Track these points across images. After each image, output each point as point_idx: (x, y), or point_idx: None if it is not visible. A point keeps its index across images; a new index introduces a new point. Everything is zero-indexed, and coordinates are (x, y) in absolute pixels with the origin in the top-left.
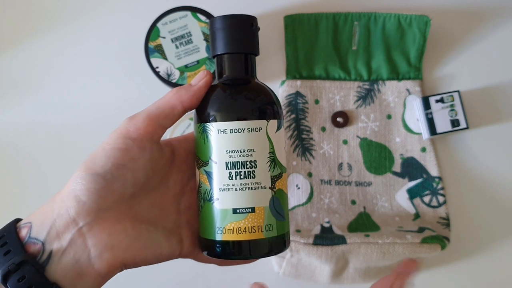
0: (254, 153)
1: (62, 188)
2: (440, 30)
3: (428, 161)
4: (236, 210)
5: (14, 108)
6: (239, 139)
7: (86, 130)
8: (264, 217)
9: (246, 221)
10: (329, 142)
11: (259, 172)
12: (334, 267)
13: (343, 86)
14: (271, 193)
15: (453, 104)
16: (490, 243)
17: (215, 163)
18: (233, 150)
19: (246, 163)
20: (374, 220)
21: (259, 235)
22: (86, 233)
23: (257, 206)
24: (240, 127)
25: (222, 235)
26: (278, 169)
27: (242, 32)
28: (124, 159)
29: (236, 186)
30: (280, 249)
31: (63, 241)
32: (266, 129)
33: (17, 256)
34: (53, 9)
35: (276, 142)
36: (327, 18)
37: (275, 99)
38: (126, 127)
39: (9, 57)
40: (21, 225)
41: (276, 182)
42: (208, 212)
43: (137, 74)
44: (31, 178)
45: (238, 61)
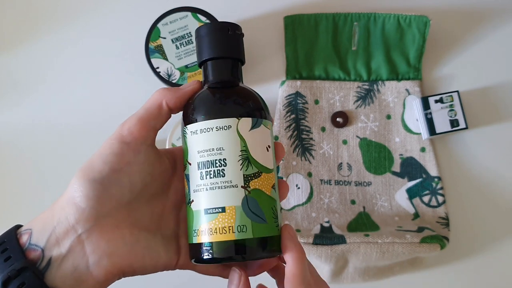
0: (224, 151)
1: (62, 195)
2: (440, 31)
3: (428, 161)
4: (208, 211)
5: (14, 108)
6: (207, 138)
7: (86, 130)
8: (236, 216)
9: (216, 221)
10: (329, 142)
11: (229, 170)
12: (333, 266)
13: (342, 86)
14: (244, 192)
15: (452, 104)
16: (489, 243)
17: (190, 165)
18: (203, 150)
19: (215, 162)
20: (374, 219)
21: (230, 236)
22: (85, 240)
23: (227, 206)
24: (209, 126)
25: (196, 238)
26: (253, 168)
27: (222, 37)
28: (120, 164)
29: (206, 185)
30: (262, 254)
31: (62, 248)
32: (237, 127)
33: (17, 263)
34: (53, 9)
35: (251, 141)
36: (327, 18)
37: (254, 99)
38: (120, 132)
39: (9, 57)
40: (22, 232)
41: (251, 181)
42: (188, 216)
43: (138, 75)
44: (31, 178)
45: (218, 65)
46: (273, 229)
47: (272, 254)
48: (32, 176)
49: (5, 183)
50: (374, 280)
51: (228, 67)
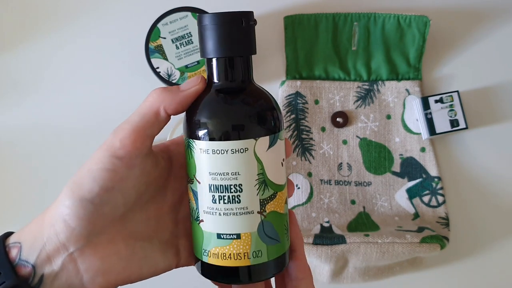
0: (239, 176)
1: (51, 207)
2: (440, 31)
3: (428, 161)
4: (221, 236)
5: (14, 108)
6: (222, 161)
7: (86, 131)
8: (251, 243)
9: (231, 247)
10: (329, 142)
11: (245, 196)
12: (333, 266)
13: (342, 87)
14: (260, 217)
15: (452, 104)
16: (489, 243)
17: (199, 183)
18: (216, 173)
19: (230, 187)
20: (374, 219)
21: (246, 262)
22: (77, 258)
23: (243, 232)
24: (223, 148)
25: (207, 258)
26: (269, 190)
27: (234, 31)
28: (112, 181)
29: (220, 210)
30: (274, 272)
31: (54, 265)
32: (254, 148)
33: (9, 280)
34: (53, 10)
35: (268, 161)
36: (327, 18)
37: (271, 110)
38: (112, 144)
39: (9, 58)
40: (10, 245)
41: (267, 205)
42: (195, 231)
43: (138, 75)
44: (31, 178)
45: (229, 67)
46: (285, 245)
47: (280, 271)
48: (32, 176)
49: (5, 183)
50: (374, 280)
51: (242, 67)
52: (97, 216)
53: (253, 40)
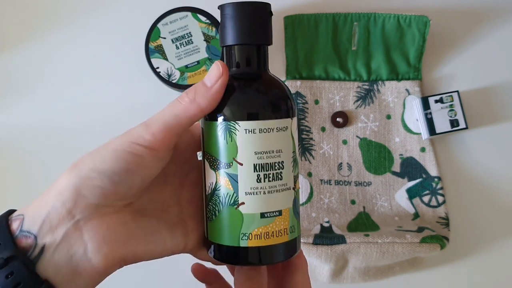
0: (282, 153)
1: (58, 180)
2: (440, 31)
3: (428, 161)
4: (264, 214)
5: (13, 108)
6: (268, 140)
7: (86, 131)
8: (289, 219)
9: (274, 225)
10: (329, 142)
11: (286, 173)
12: (333, 266)
13: (342, 87)
14: (294, 193)
15: (452, 104)
16: (489, 243)
17: (241, 165)
18: (262, 151)
19: (274, 165)
20: (374, 219)
21: (285, 238)
22: (83, 227)
23: (283, 209)
24: (270, 127)
25: (247, 241)
26: (297, 168)
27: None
28: (135, 165)
29: (264, 189)
30: (299, 248)
31: (56, 235)
32: (291, 127)
33: (6, 251)
34: (53, 10)
35: (296, 140)
36: (327, 18)
37: (291, 95)
38: (142, 135)
39: (8, 58)
40: (13, 218)
41: (296, 181)
42: (231, 217)
43: (138, 75)
44: (31, 178)
45: (254, 54)
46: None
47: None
48: (32, 176)
49: (5, 184)
50: (374, 280)
51: (263, 55)
52: (111, 192)
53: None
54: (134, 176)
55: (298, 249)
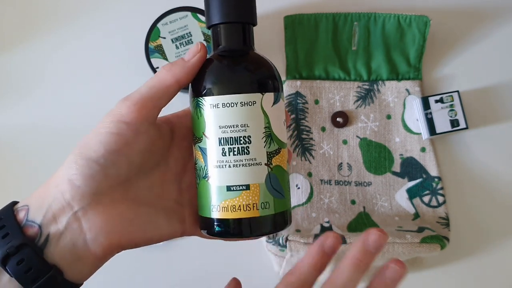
0: (248, 128)
1: (57, 171)
2: (440, 31)
3: (428, 161)
4: (230, 188)
5: (13, 108)
6: (232, 114)
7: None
8: (260, 194)
9: (240, 199)
10: (329, 142)
11: (254, 148)
12: (334, 266)
13: (342, 86)
14: (267, 169)
15: (452, 104)
16: (489, 243)
17: (208, 139)
18: (226, 125)
19: (239, 139)
20: (374, 220)
21: (255, 213)
22: (81, 218)
23: (252, 183)
24: (233, 101)
25: (217, 213)
26: (275, 144)
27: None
28: (118, 144)
29: (229, 162)
30: (280, 227)
31: (59, 224)
32: (261, 102)
33: (15, 239)
34: (53, 9)
35: (273, 117)
36: (327, 18)
37: (273, 71)
38: (119, 111)
39: (8, 58)
40: (19, 208)
41: (273, 158)
42: (204, 189)
43: (137, 75)
44: (31, 179)
45: (234, 31)
46: (288, 203)
47: (284, 228)
48: (32, 176)
49: (4, 183)
50: None
51: (246, 33)
52: (102, 176)
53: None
54: (119, 155)
55: (276, 229)
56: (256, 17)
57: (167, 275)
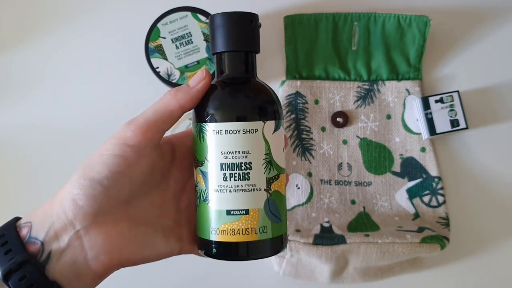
0: (250, 154)
1: (61, 189)
2: (440, 31)
3: (428, 161)
4: (230, 212)
5: (13, 108)
6: (234, 140)
7: (86, 131)
8: (259, 219)
9: (240, 223)
10: (329, 142)
11: (254, 174)
12: (334, 266)
13: (342, 86)
14: (267, 195)
15: (452, 104)
16: (489, 243)
17: (210, 163)
18: (228, 151)
19: (240, 165)
20: (374, 220)
21: (253, 237)
22: (83, 236)
23: (251, 208)
24: (236, 128)
25: (216, 236)
26: (274, 170)
27: (242, 29)
28: (121, 166)
29: (230, 187)
30: (276, 250)
31: (61, 242)
32: (263, 130)
33: (18, 256)
34: (53, 10)
35: (274, 143)
36: (327, 18)
37: (274, 99)
38: (124, 133)
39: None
40: (21, 225)
41: (272, 184)
42: (204, 212)
43: (137, 75)
44: (30, 179)
45: (237, 60)
46: (285, 226)
47: (280, 251)
48: (32, 177)
49: (4, 184)
50: (374, 280)
51: (249, 61)
52: (104, 197)
53: (259, 39)
54: (122, 177)
55: (273, 252)
56: (259, 45)
57: (167, 275)
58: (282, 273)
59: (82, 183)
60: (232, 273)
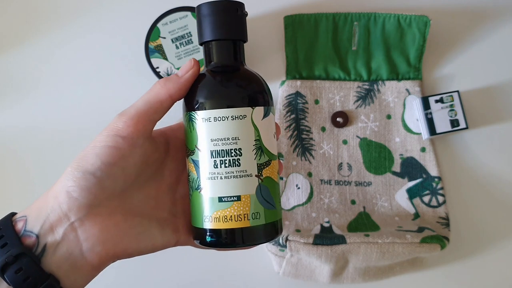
0: (239, 141)
1: (56, 183)
2: (440, 31)
3: (428, 161)
4: (222, 199)
5: (13, 108)
6: (223, 127)
7: (86, 131)
8: (251, 205)
9: (232, 209)
10: (329, 142)
11: (245, 160)
12: (334, 266)
13: (343, 86)
14: (258, 181)
15: (452, 104)
16: (489, 243)
17: (201, 151)
18: (218, 139)
19: (230, 151)
20: (374, 220)
21: (246, 223)
22: (78, 228)
23: (243, 194)
24: (224, 115)
25: (209, 224)
26: (265, 156)
27: (229, 18)
28: (114, 158)
29: (221, 174)
30: (270, 237)
31: (56, 234)
32: (251, 116)
33: (14, 249)
34: (53, 10)
35: (263, 129)
36: (327, 18)
37: (263, 86)
38: (116, 125)
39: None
40: (17, 219)
41: (263, 170)
42: (196, 200)
43: (138, 75)
44: (29, 179)
45: (225, 48)
46: (279, 213)
47: (275, 237)
48: (31, 177)
49: (5, 184)
50: (374, 280)
51: (237, 49)
52: (98, 188)
53: (246, 28)
54: (116, 168)
55: (267, 238)
56: (247, 34)
57: (167, 276)
58: (282, 273)
59: (75, 175)
60: (232, 273)
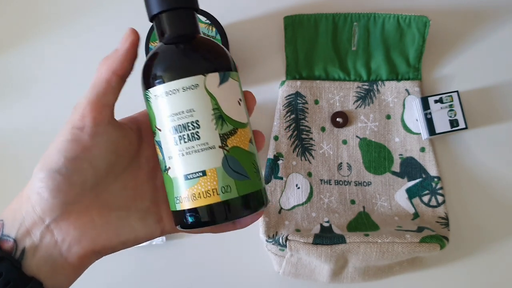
0: (194, 112)
1: (27, 184)
2: (439, 31)
3: (427, 161)
4: (187, 176)
5: (13, 108)
6: (175, 101)
7: None
8: (218, 178)
9: (199, 186)
10: (329, 142)
11: (204, 132)
12: (333, 266)
13: (342, 87)
14: (223, 152)
15: (452, 104)
16: (489, 243)
17: (161, 131)
18: (173, 114)
19: (187, 125)
20: (374, 219)
21: (216, 198)
22: (54, 230)
23: (207, 169)
24: (174, 88)
25: (181, 205)
26: (228, 125)
27: None
28: (76, 151)
29: (182, 151)
30: (252, 209)
31: (34, 237)
32: (205, 84)
33: None
34: (53, 10)
35: (222, 97)
36: (327, 18)
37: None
38: (72, 118)
39: (8, 58)
40: None
41: (228, 139)
42: (166, 183)
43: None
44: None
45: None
46: (257, 183)
47: (258, 209)
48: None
49: (5, 184)
50: (374, 280)
51: (185, 18)
52: (67, 185)
53: None
54: (81, 161)
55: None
56: (197, 2)
57: (167, 275)
58: (282, 272)
59: (41, 175)
60: (231, 273)
